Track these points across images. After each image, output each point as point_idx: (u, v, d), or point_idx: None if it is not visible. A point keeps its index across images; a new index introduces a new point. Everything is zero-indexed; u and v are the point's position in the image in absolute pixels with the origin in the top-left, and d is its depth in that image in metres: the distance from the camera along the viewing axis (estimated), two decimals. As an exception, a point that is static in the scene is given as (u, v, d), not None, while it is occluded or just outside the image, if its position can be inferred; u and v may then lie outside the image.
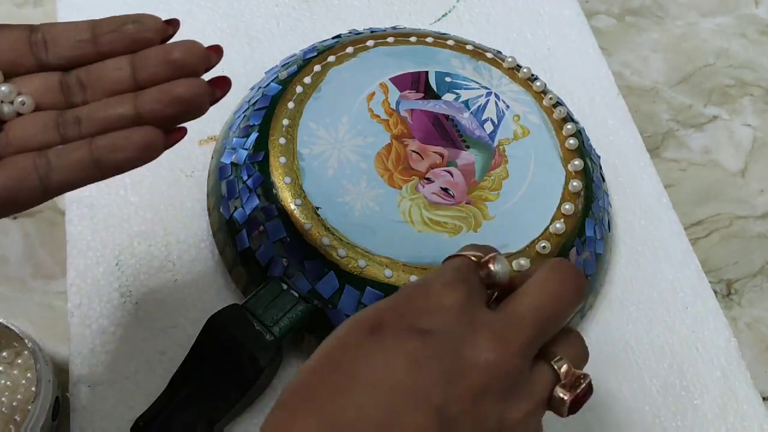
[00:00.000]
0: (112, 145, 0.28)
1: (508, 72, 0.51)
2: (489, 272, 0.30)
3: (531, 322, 0.29)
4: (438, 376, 0.26)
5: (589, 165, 0.49)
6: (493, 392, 0.27)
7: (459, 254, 0.31)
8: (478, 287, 0.30)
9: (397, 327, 0.28)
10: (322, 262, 0.42)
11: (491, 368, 0.27)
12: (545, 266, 0.31)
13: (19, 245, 0.47)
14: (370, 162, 0.45)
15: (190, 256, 0.46)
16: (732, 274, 0.55)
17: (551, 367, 0.29)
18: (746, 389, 0.48)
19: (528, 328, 0.28)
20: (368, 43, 0.50)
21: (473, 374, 0.27)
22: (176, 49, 0.30)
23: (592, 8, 0.67)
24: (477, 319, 0.28)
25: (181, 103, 0.29)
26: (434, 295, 0.29)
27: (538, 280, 0.30)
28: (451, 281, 0.29)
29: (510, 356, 0.27)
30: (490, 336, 0.28)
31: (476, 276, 0.30)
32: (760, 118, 0.62)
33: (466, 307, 0.28)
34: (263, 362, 0.39)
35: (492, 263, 0.30)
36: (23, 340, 0.40)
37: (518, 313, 0.29)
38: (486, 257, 0.31)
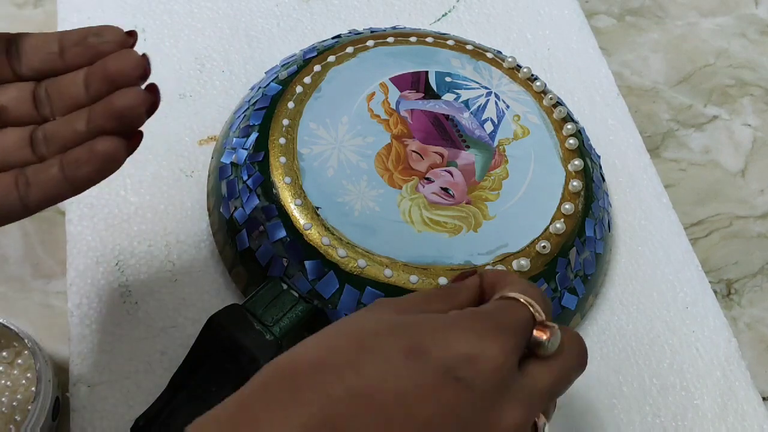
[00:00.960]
0: (77, 161, 0.29)
1: (508, 72, 0.51)
2: (541, 343, 0.30)
3: (549, 396, 0.30)
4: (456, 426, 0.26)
5: (589, 165, 0.49)
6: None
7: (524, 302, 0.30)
8: (522, 347, 0.30)
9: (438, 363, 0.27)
10: (322, 262, 0.42)
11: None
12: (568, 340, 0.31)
13: (19, 245, 0.47)
14: (370, 162, 0.45)
15: (190, 256, 0.46)
16: (732, 274, 0.55)
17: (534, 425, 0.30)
18: (746, 389, 0.48)
19: (545, 401, 0.30)
20: (368, 43, 0.50)
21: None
22: (110, 60, 0.30)
23: (592, 8, 0.67)
24: (510, 383, 0.28)
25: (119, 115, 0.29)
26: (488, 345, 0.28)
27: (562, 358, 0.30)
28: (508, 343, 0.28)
29: (524, 426, 0.28)
30: (515, 406, 0.28)
31: (528, 337, 0.30)
32: (760, 118, 0.62)
33: (507, 368, 0.28)
34: (263, 362, 0.39)
35: (550, 335, 0.30)
36: (23, 340, 0.40)
37: (540, 386, 0.29)
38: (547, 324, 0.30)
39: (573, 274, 0.45)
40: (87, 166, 0.29)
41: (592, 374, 0.46)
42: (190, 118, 0.52)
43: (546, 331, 0.30)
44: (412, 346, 0.27)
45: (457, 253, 0.43)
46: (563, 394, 0.31)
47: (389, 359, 0.27)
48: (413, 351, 0.27)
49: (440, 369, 0.27)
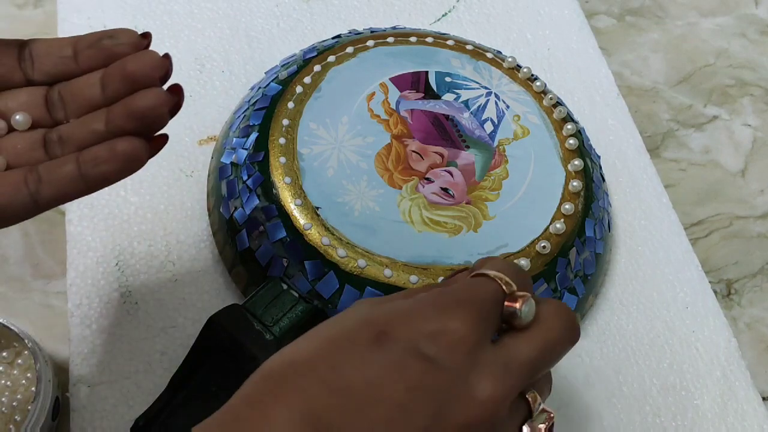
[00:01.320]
0: (95, 159, 0.29)
1: (508, 72, 0.51)
2: (513, 312, 0.29)
3: (529, 368, 0.29)
4: (429, 405, 0.27)
5: (589, 165, 0.49)
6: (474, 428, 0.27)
7: (493, 276, 0.30)
8: (494, 323, 0.29)
9: (402, 344, 0.27)
10: (322, 262, 0.42)
11: (481, 409, 0.27)
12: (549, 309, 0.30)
13: (19, 245, 0.47)
14: (370, 162, 0.45)
15: (190, 256, 0.46)
16: (732, 274, 0.55)
17: (526, 402, 0.30)
18: (746, 389, 0.48)
19: (525, 374, 0.29)
20: (368, 43, 0.50)
21: (462, 412, 0.27)
22: (129, 61, 0.30)
23: (592, 8, 0.67)
24: (481, 357, 0.28)
25: (141, 115, 0.29)
26: (450, 320, 0.28)
27: (542, 327, 0.30)
28: (472, 316, 0.28)
29: (501, 399, 0.28)
30: (488, 378, 0.27)
31: (498, 310, 0.29)
32: (760, 118, 0.62)
33: (475, 344, 0.28)
34: (263, 362, 0.39)
35: (521, 303, 0.29)
36: (23, 340, 0.40)
37: (518, 357, 0.29)
38: (518, 294, 0.30)
39: (573, 274, 0.45)
40: (106, 165, 0.29)
41: (592, 374, 0.46)
42: (190, 118, 0.52)
43: (517, 300, 0.29)
44: (378, 334, 0.28)
45: (457, 253, 0.43)
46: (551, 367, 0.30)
47: (359, 350, 0.27)
48: (379, 338, 0.27)
49: (405, 350, 0.27)
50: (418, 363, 0.27)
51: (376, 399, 0.26)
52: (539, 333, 0.30)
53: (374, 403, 0.26)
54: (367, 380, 0.26)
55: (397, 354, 0.27)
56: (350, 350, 0.27)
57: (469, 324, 0.28)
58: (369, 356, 0.27)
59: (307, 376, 0.27)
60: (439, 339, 0.27)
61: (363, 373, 0.27)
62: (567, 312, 0.31)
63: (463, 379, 0.27)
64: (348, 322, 0.29)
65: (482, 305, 0.29)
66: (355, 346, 0.28)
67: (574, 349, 0.46)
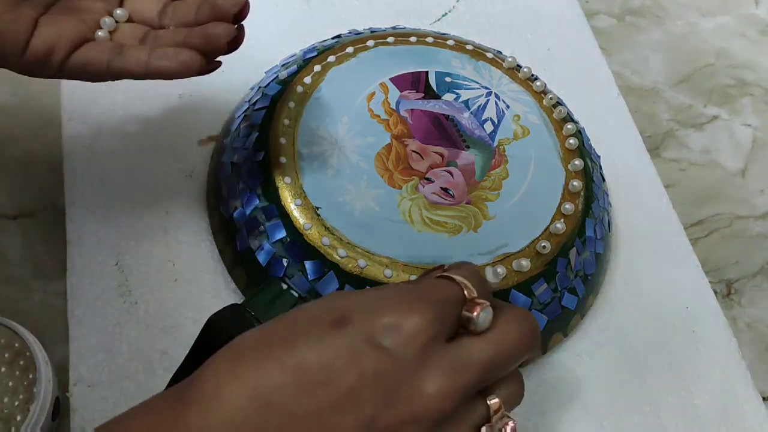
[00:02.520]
0: (163, 54, 0.37)
1: (508, 72, 0.51)
2: (470, 318, 0.30)
3: (481, 369, 0.29)
4: (378, 393, 0.27)
5: (589, 165, 0.49)
6: (421, 423, 0.28)
7: (459, 281, 0.31)
8: (451, 324, 0.30)
9: (360, 332, 0.28)
10: (322, 262, 0.42)
11: (428, 402, 0.28)
12: (508, 315, 0.31)
13: (19, 245, 0.47)
14: (370, 162, 0.45)
15: (190, 256, 0.46)
16: (732, 274, 0.55)
17: (485, 405, 0.30)
18: (746, 389, 0.48)
19: (476, 374, 0.29)
20: (368, 43, 0.50)
21: (410, 403, 0.28)
22: None
23: (592, 8, 0.67)
24: (433, 353, 0.29)
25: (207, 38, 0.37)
26: (407, 316, 0.29)
27: (499, 332, 0.31)
28: (430, 314, 0.29)
29: (449, 396, 0.28)
30: (438, 373, 0.28)
31: (457, 312, 0.30)
32: (760, 118, 0.63)
33: (429, 341, 0.29)
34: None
35: (479, 310, 0.30)
36: (23, 340, 0.40)
37: (471, 357, 0.29)
38: (478, 301, 0.31)
39: (573, 274, 0.45)
40: (167, 61, 0.37)
41: (592, 374, 0.46)
42: (190, 118, 0.52)
43: (475, 307, 0.30)
44: (338, 319, 0.29)
45: (457, 253, 0.43)
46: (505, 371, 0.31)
47: (316, 333, 0.28)
48: (338, 323, 0.28)
49: (362, 338, 0.28)
50: (372, 351, 0.28)
51: (327, 381, 0.27)
52: (495, 336, 0.30)
53: (325, 385, 0.27)
54: (321, 362, 0.27)
55: (354, 340, 0.28)
56: (309, 333, 0.28)
57: (426, 320, 0.29)
58: (326, 340, 0.28)
59: (264, 354, 0.28)
60: (396, 331, 0.28)
61: (317, 355, 0.27)
62: (526, 319, 0.32)
63: (413, 372, 0.28)
64: (313, 307, 0.30)
65: (441, 305, 0.30)
66: (314, 330, 0.28)
67: (574, 348, 0.47)
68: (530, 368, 0.46)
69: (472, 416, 0.30)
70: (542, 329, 0.44)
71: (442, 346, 0.29)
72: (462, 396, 0.29)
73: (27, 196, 0.48)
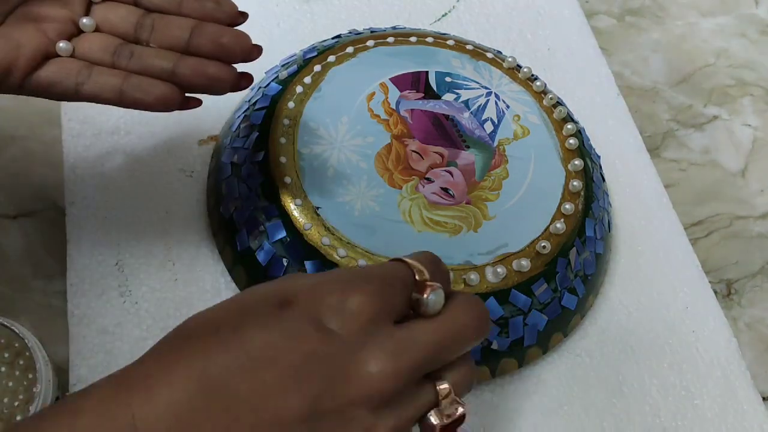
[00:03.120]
0: (139, 86, 0.34)
1: (508, 72, 0.51)
2: (419, 300, 0.30)
3: (426, 350, 0.29)
4: (321, 373, 0.27)
5: (589, 165, 0.49)
6: (365, 403, 0.28)
7: (410, 263, 0.31)
8: (398, 304, 0.30)
9: (304, 313, 0.28)
10: (322, 262, 0.42)
11: (371, 382, 0.28)
12: (458, 301, 0.31)
13: (19, 245, 0.47)
14: (370, 162, 0.45)
15: (190, 256, 0.46)
16: (732, 274, 0.55)
17: (434, 389, 0.30)
18: (746, 389, 0.48)
19: (420, 355, 0.29)
20: (368, 43, 0.50)
21: (353, 383, 0.28)
22: (227, 34, 0.35)
23: (592, 8, 0.67)
24: (378, 332, 0.29)
25: (209, 80, 0.35)
26: (351, 297, 0.29)
27: (447, 316, 0.30)
28: (374, 292, 0.29)
29: (393, 376, 0.28)
30: (381, 352, 0.28)
31: (405, 293, 0.30)
32: (760, 118, 0.62)
33: (373, 320, 0.28)
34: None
35: (429, 292, 0.30)
36: (23, 340, 0.40)
37: (417, 338, 0.29)
38: (428, 283, 0.30)
39: (573, 274, 0.45)
40: (142, 94, 0.34)
41: (592, 374, 0.46)
42: (190, 118, 0.52)
43: (425, 289, 0.30)
44: (283, 301, 0.29)
45: (457, 253, 0.43)
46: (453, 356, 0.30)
47: (262, 314, 0.28)
48: (284, 304, 0.28)
49: (306, 318, 0.28)
50: (315, 332, 0.28)
51: (271, 362, 0.27)
52: (444, 321, 0.30)
53: (269, 366, 0.27)
54: (265, 343, 0.27)
55: (298, 321, 0.28)
56: (254, 314, 0.28)
57: (370, 300, 0.29)
58: (271, 321, 0.28)
59: (209, 335, 0.28)
60: (339, 311, 0.28)
61: (262, 337, 0.27)
62: (477, 305, 0.31)
63: (356, 352, 0.28)
64: (261, 289, 0.30)
65: (387, 286, 0.30)
66: (260, 311, 0.28)
67: (574, 348, 0.47)
68: (530, 368, 0.46)
69: (419, 399, 0.29)
70: (542, 329, 0.44)
71: (388, 327, 0.29)
72: (407, 378, 0.28)
73: (27, 196, 0.48)
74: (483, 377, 0.44)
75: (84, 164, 0.48)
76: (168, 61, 0.35)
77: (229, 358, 0.27)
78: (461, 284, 0.42)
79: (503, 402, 0.44)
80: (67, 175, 0.48)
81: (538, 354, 0.45)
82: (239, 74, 0.36)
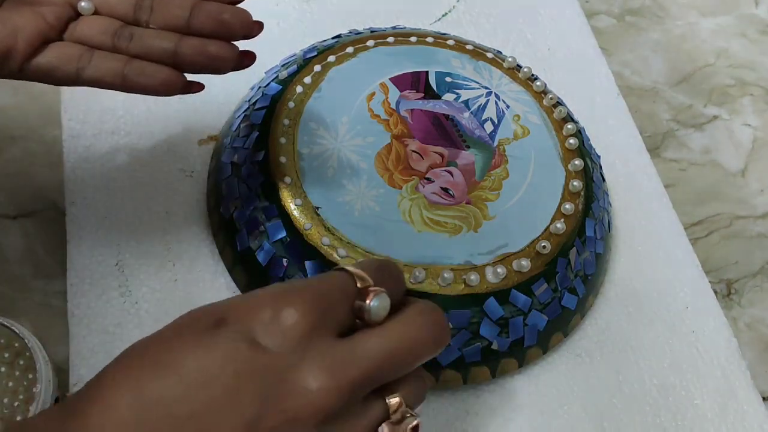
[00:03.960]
0: (141, 70, 0.34)
1: (508, 72, 0.51)
2: (362, 306, 0.29)
3: (373, 362, 0.28)
4: (257, 392, 0.26)
5: (589, 165, 0.49)
6: (307, 422, 0.27)
7: (351, 270, 0.30)
8: (339, 315, 0.29)
9: (237, 330, 0.28)
10: (322, 262, 0.42)
11: (311, 400, 0.27)
12: (411, 308, 0.30)
13: (19, 245, 0.47)
14: (370, 162, 0.45)
15: (190, 256, 0.46)
16: (732, 274, 0.55)
17: (383, 404, 0.29)
18: (746, 389, 0.48)
19: (366, 368, 0.28)
20: (368, 43, 0.50)
21: (292, 401, 0.27)
22: (227, 11, 0.34)
23: (592, 8, 0.67)
24: (316, 346, 0.27)
25: (210, 59, 0.34)
26: (284, 311, 0.28)
27: (400, 323, 0.29)
28: (309, 304, 0.28)
29: (335, 392, 0.27)
30: (320, 366, 0.27)
31: (346, 303, 0.29)
32: (760, 118, 0.63)
33: (310, 334, 0.27)
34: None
35: (371, 298, 0.29)
36: (23, 340, 0.40)
37: (363, 350, 0.28)
38: (371, 289, 0.29)
39: (573, 274, 0.45)
40: (145, 79, 0.34)
41: (592, 374, 0.46)
42: (190, 118, 0.52)
43: (368, 295, 0.29)
44: (218, 320, 0.28)
45: (457, 253, 0.43)
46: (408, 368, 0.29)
47: (195, 335, 0.28)
48: (217, 323, 0.28)
49: (239, 336, 0.27)
50: (248, 349, 0.27)
51: (205, 383, 0.26)
52: (392, 330, 0.29)
53: (204, 387, 0.26)
54: (199, 364, 0.27)
55: (231, 339, 0.27)
56: (188, 335, 0.28)
57: (304, 313, 0.28)
58: (204, 341, 0.27)
59: (149, 359, 0.28)
60: (272, 327, 0.27)
61: (196, 358, 0.27)
62: (433, 313, 0.30)
63: (293, 368, 0.27)
64: (198, 311, 0.29)
65: (323, 296, 0.29)
66: (193, 332, 0.28)
67: (574, 349, 0.47)
68: (530, 368, 0.46)
69: (367, 414, 0.29)
70: (542, 329, 0.44)
71: (327, 340, 0.28)
72: (350, 393, 0.27)
73: (27, 196, 0.48)
74: (483, 377, 0.44)
75: (84, 164, 0.48)
76: (169, 42, 0.34)
77: (167, 381, 0.27)
78: (461, 284, 0.42)
79: (503, 402, 0.44)
80: (67, 175, 0.48)
81: (538, 354, 0.45)
82: (241, 52, 0.35)
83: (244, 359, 0.27)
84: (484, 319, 0.42)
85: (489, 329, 0.42)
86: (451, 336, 0.30)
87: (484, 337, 0.42)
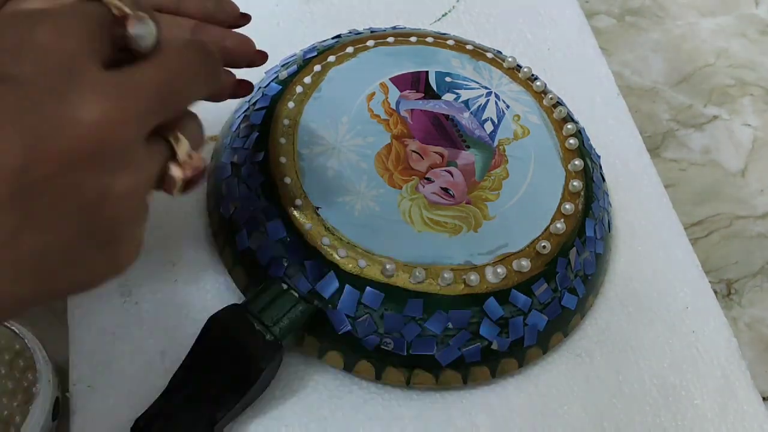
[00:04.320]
0: None
1: (508, 72, 0.51)
2: (125, 35, 0.25)
3: (151, 92, 0.25)
4: (19, 134, 0.22)
5: (589, 165, 0.49)
6: (91, 160, 0.23)
7: (103, 2, 0.26)
8: (99, 44, 0.25)
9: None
10: (322, 262, 0.42)
11: (93, 132, 0.23)
12: (180, 41, 0.27)
13: (19, 245, 0.47)
14: (370, 162, 0.45)
15: (190, 256, 0.46)
16: (732, 274, 0.55)
17: (168, 144, 0.27)
18: (746, 389, 0.48)
19: (146, 98, 0.25)
20: (368, 43, 0.50)
21: (67, 135, 0.23)
22: (231, 38, 0.34)
23: (592, 8, 0.67)
24: (85, 73, 0.24)
25: None
26: (34, 31, 0.23)
27: (169, 52, 0.26)
28: (66, 28, 0.24)
29: (120, 122, 0.24)
30: (98, 96, 0.23)
31: (103, 32, 0.25)
32: (760, 118, 0.63)
33: (72, 60, 0.23)
34: (263, 363, 0.39)
35: (132, 25, 0.25)
36: (23, 340, 0.40)
37: (138, 79, 0.25)
38: (135, 14, 0.26)
39: (573, 274, 0.45)
40: None
41: (592, 374, 0.46)
42: (190, 118, 0.52)
43: (131, 21, 0.25)
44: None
45: (457, 253, 0.43)
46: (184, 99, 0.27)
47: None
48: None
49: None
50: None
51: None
52: (167, 58, 0.26)
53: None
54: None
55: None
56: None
57: (61, 37, 0.24)
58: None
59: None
60: (24, 52, 0.23)
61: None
62: (202, 45, 0.28)
63: (60, 99, 0.23)
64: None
65: (78, 21, 0.25)
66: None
67: (574, 349, 0.47)
68: (530, 368, 0.46)
69: (154, 155, 0.26)
70: (542, 329, 0.44)
71: (93, 69, 0.24)
72: (134, 123, 0.24)
73: (27, 196, 0.48)
74: (483, 377, 0.44)
75: (84, 164, 0.48)
76: None
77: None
78: (461, 284, 0.42)
79: (503, 402, 0.44)
80: (67, 175, 0.48)
81: (538, 354, 0.45)
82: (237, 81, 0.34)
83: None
84: (484, 319, 0.42)
85: (489, 329, 0.42)
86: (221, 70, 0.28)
87: (484, 337, 0.42)
